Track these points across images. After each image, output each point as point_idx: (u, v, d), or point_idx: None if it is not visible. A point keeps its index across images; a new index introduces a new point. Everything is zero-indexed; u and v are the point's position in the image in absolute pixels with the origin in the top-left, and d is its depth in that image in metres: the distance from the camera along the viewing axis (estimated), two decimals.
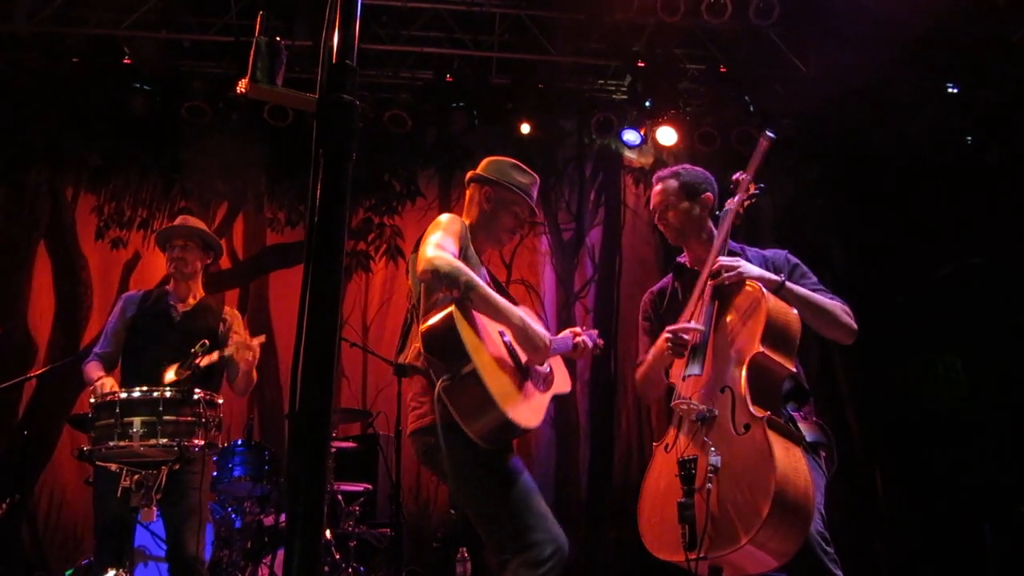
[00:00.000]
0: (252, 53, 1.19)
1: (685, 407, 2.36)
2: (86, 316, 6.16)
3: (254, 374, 3.55)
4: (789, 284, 2.54)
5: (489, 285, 2.55)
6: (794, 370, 2.41)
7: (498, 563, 2.37)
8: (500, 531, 2.37)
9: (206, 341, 3.15)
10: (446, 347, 2.34)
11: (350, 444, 4.91)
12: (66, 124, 6.14)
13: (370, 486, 4.85)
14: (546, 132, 6.37)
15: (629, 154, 6.68)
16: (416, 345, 2.46)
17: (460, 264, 2.42)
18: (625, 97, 6.38)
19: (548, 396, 2.63)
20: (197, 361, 3.08)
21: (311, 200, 1.14)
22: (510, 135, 6.35)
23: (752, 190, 2.66)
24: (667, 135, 6.28)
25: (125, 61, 5.96)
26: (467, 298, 2.39)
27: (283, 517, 4.65)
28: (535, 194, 2.83)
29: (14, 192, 6.22)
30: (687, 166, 2.91)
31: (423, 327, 2.39)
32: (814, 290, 2.61)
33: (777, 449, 2.11)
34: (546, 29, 6.01)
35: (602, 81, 6.47)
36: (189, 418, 2.97)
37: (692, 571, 2.11)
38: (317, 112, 1.19)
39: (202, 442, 2.98)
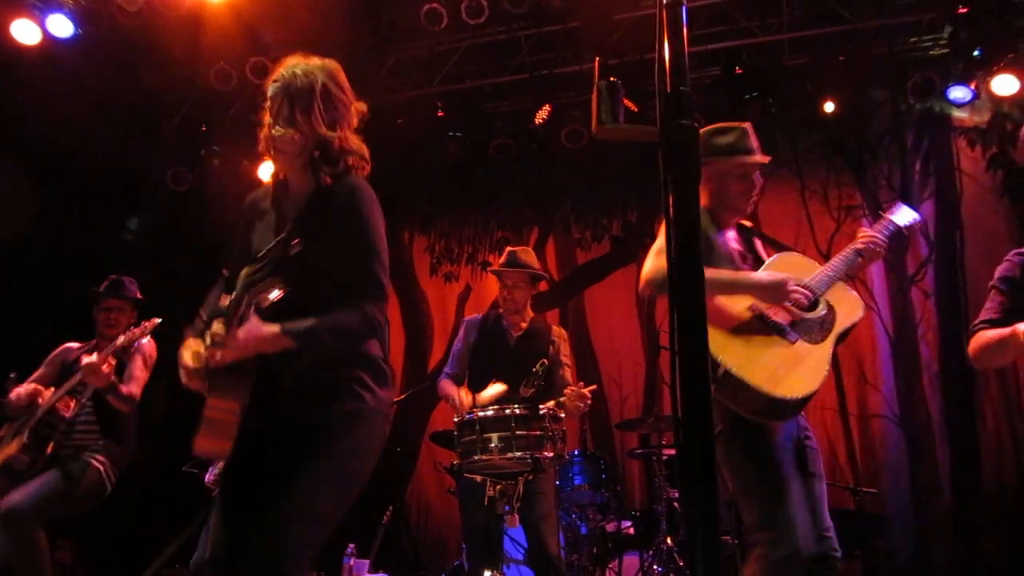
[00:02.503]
0: (595, 98, 1.27)
1: None
2: (430, 345, 6.98)
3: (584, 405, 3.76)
4: None
5: (738, 250, 2.61)
6: None
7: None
8: (750, 514, 2.42)
9: (545, 361, 3.40)
10: None
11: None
12: (396, 177, 7.03)
13: None
14: (854, 107, 5.88)
15: (959, 113, 5.87)
16: None
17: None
18: (946, 51, 5.66)
19: (830, 341, 2.52)
20: (538, 381, 3.33)
21: (667, 225, 1.19)
22: (813, 116, 5.98)
23: None
24: (1006, 84, 5.41)
25: (439, 115, 6.67)
26: None
27: (624, 524, 4.82)
28: (750, 142, 2.73)
29: None
30: None
31: None
32: None
33: None
34: None
35: (915, 39, 5.81)
36: (537, 432, 3.23)
37: None
38: (660, 140, 1.24)
39: (551, 453, 3.22)
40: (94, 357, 3.52)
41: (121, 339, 3.57)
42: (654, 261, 2.56)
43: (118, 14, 5.22)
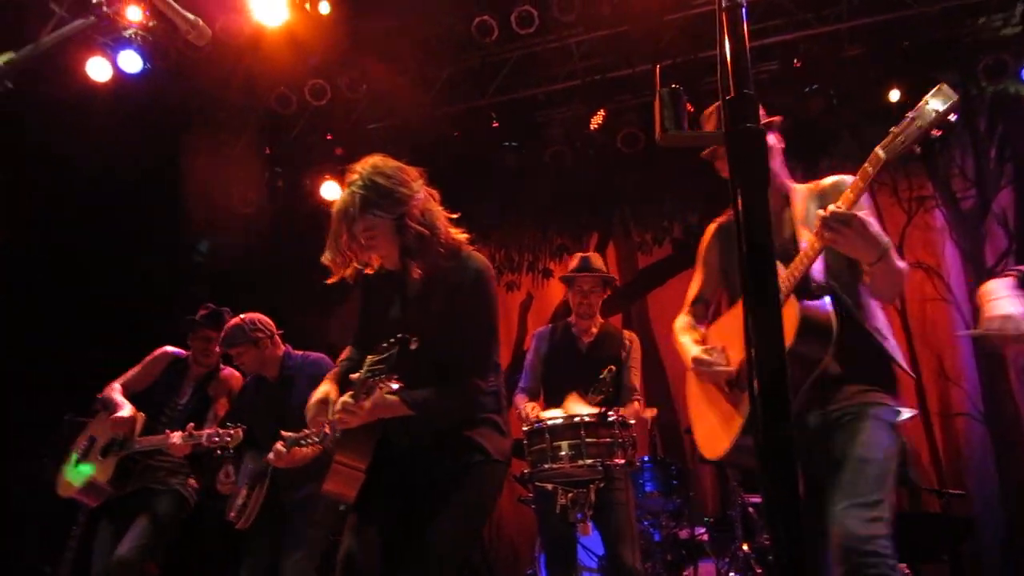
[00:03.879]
0: (657, 105, 1.26)
1: None
2: None
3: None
4: None
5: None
6: None
7: None
8: None
9: (612, 368, 3.37)
10: None
11: None
12: (454, 190, 7.05)
13: None
14: (920, 94, 5.65)
15: None
16: None
17: (677, 338, 2.75)
18: (1019, 29, 5.43)
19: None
20: (607, 388, 3.30)
21: (737, 229, 1.17)
22: (876, 106, 5.79)
23: None
24: None
25: (494, 125, 6.69)
26: None
27: (697, 530, 4.74)
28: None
29: None
30: None
31: None
32: None
33: None
34: None
35: (983, 19, 5.58)
36: (607, 439, 3.20)
37: None
38: (727, 145, 1.22)
39: (622, 460, 3.19)
40: (177, 439, 3.65)
41: (205, 436, 3.61)
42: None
43: (184, 47, 5.42)
